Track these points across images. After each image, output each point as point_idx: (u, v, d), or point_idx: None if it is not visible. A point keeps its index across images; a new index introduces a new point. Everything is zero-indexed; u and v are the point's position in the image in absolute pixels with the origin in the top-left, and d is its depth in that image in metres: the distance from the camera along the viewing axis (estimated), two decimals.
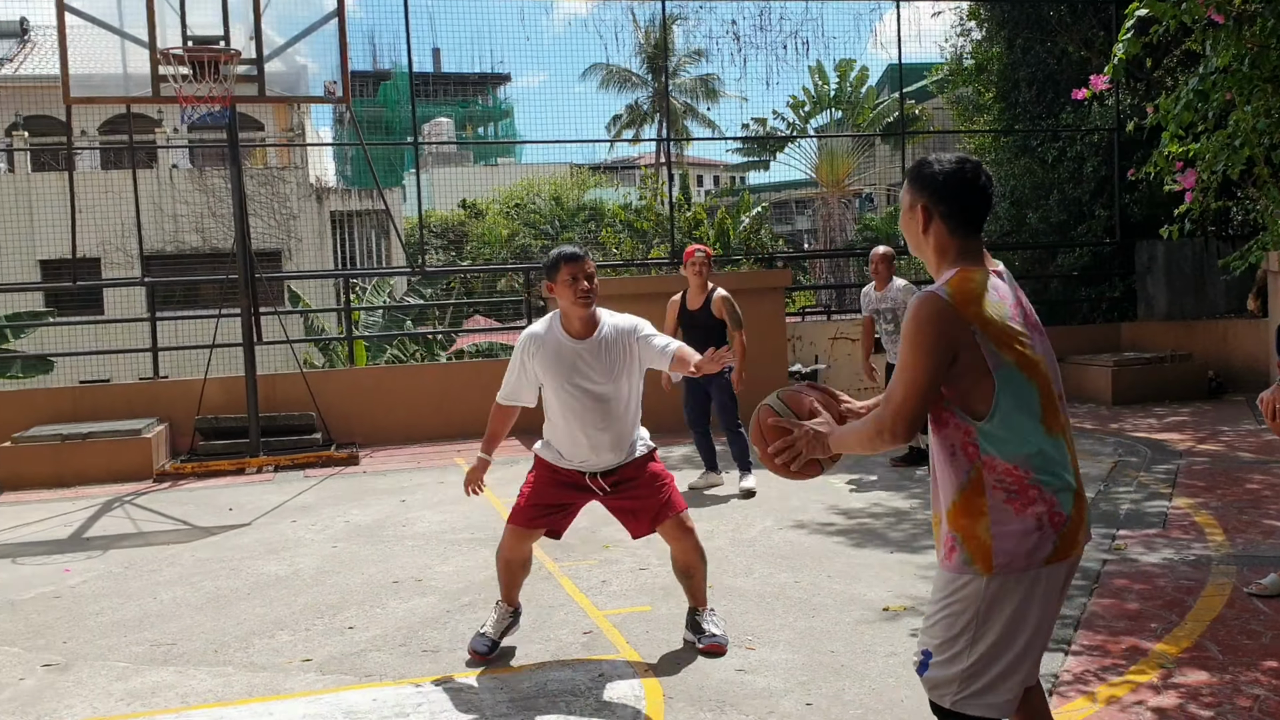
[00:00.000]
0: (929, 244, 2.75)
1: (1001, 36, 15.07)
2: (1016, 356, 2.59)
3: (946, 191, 2.70)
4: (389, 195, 22.38)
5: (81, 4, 9.15)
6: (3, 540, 7.56)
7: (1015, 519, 2.58)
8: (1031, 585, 2.60)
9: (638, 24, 31.89)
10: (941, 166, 2.73)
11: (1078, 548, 2.65)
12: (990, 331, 2.58)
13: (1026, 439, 2.59)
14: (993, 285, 2.64)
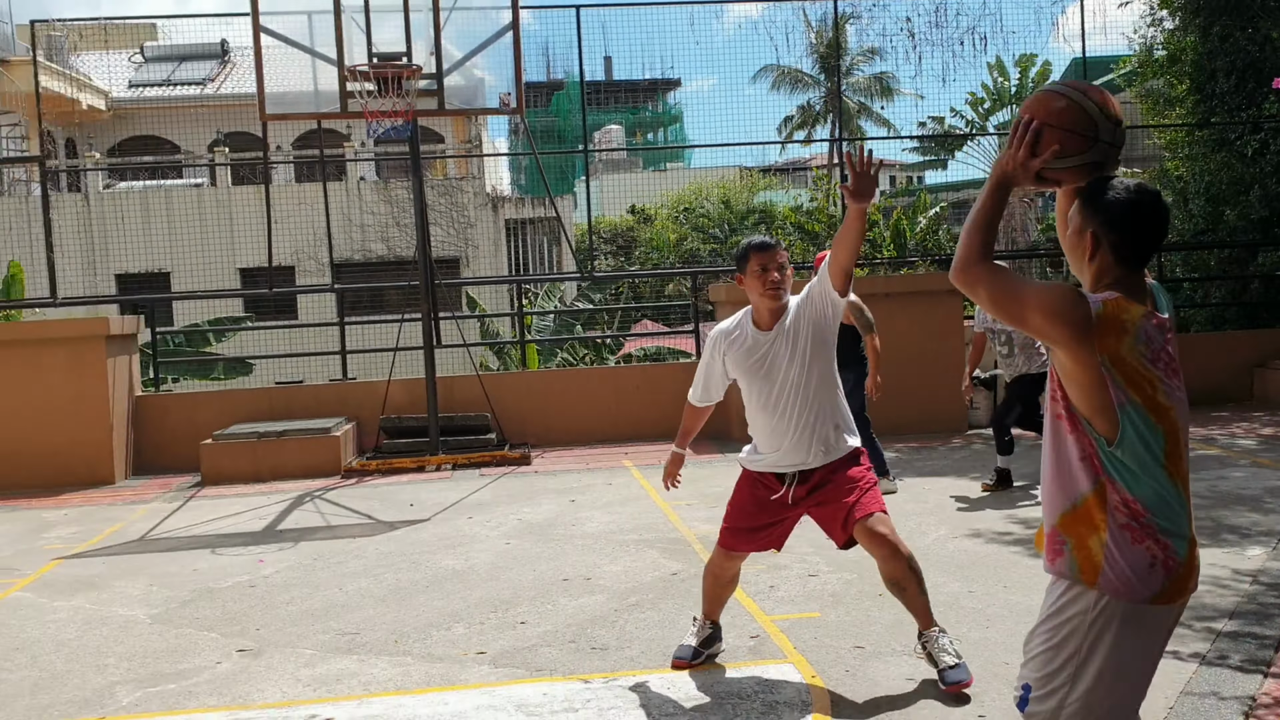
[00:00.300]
0: (1090, 269, 2.65)
1: (1196, 25, 14.27)
2: (1144, 399, 2.53)
3: (1121, 222, 2.60)
4: (561, 202, 22.86)
5: (276, 26, 9.68)
6: (204, 531, 8.06)
7: (1130, 547, 2.52)
8: (1138, 621, 2.52)
9: (809, 24, 31.65)
10: (1118, 195, 2.61)
11: (1186, 595, 2.57)
12: (1120, 369, 2.51)
13: (1151, 479, 2.54)
14: (1143, 329, 2.54)
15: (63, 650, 5.31)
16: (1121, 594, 2.51)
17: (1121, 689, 2.54)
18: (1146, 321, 2.55)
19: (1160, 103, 15.63)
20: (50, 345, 10.45)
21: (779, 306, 4.41)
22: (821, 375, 4.40)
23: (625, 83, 41.76)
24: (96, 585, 6.55)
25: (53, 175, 22.37)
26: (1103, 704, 2.53)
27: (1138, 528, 2.53)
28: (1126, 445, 2.53)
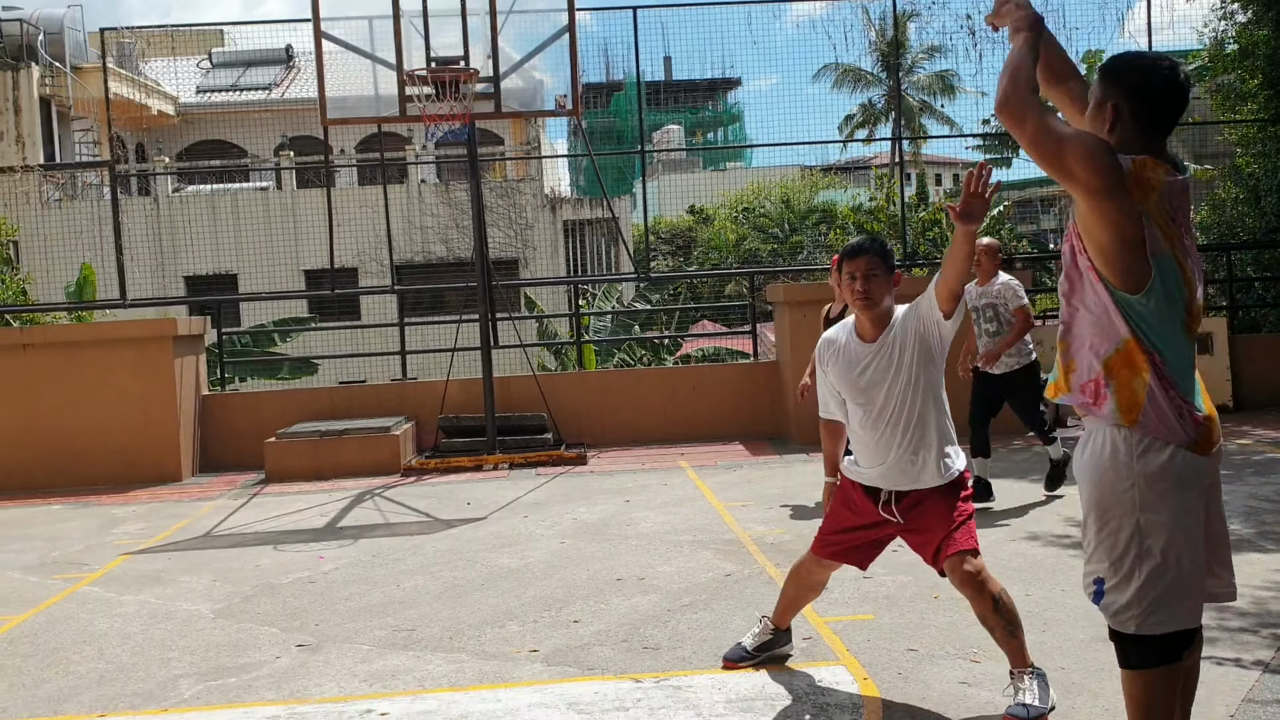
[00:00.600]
0: (1113, 140, 2.66)
1: (1269, 18, 13.93)
2: (1175, 252, 2.58)
3: (1142, 91, 2.63)
4: (620, 203, 22.92)
5: (337, 31, 9.84)
6: (267, 528, 8.21)
7: (1166, 393, 2.58)
8: (1180, 469, 2.57)
9: (870, 21, 31.40)
10: (1137, 65, 2.66)
11: (1216, 445, 2.62)
12: (1157, 220, 2.56)
13: (1173, 332, 2.60)
14: (1168, 187, 2.59)
15: (128, 643, 5.45)
16: (1160, 433, 2.57)
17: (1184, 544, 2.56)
18: (1171, 180, 2.61)
19: (1232, 98, 15.26)
20: (120, 345, 10.71)
21: (876, 315, 4.16)
22: (926, 394, 4.17)
23: (685, 82, 41.68)
24: (162, 580, 6.71)
25: (123, 179, 22.91)
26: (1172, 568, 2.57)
27: (1163, 379, 2.60)
28: (1154, 296, 2.57)
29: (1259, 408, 11.90)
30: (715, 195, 30.54)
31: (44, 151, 24.61)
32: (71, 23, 25.37)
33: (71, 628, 5.76)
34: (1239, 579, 5.28)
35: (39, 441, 10.60)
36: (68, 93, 24.90)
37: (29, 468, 10.56)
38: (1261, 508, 7.23)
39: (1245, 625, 4.91)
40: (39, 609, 6.16)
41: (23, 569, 7.20)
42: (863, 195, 25.97)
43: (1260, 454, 9.29)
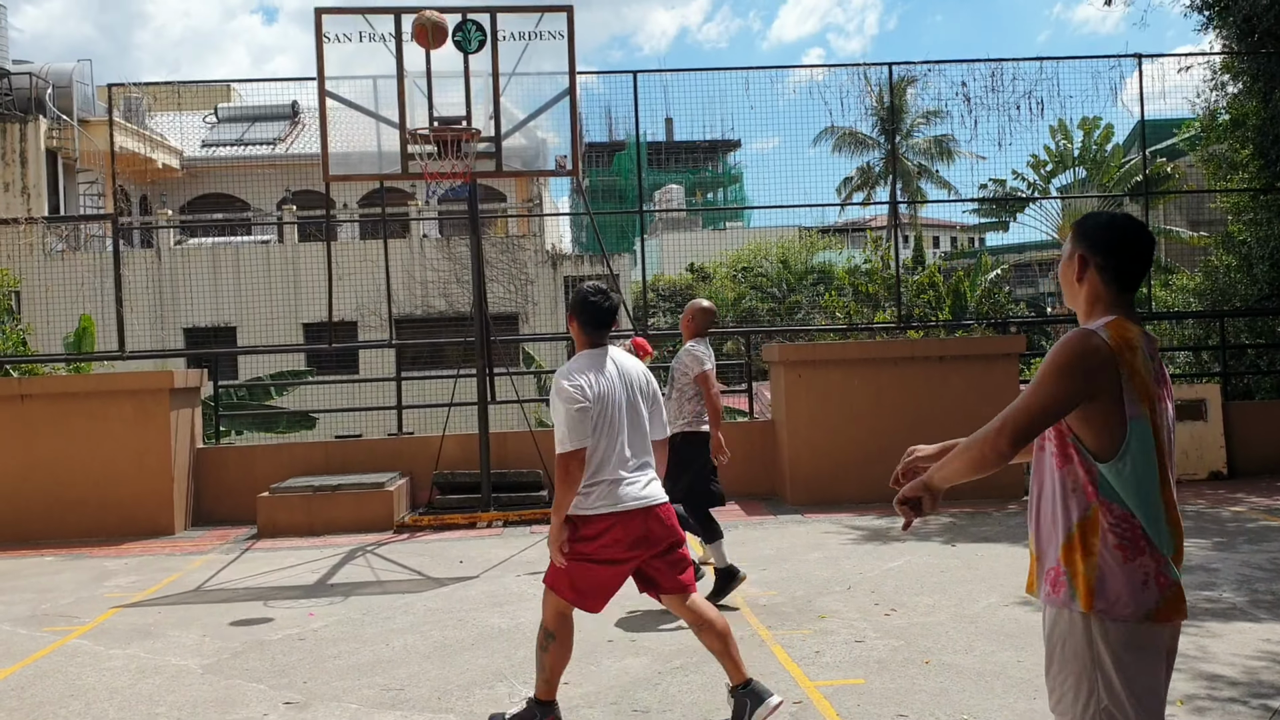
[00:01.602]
0: (1082, 292, 2.80)
1: (1259, 89, 14.16)
2: (1150, 414, 2.65)
3: (1104, 244, 2.76)
4: (621, 260, 23.07)
5: (343, 90, 9.98)
6: (258, 584, 8.18)
7: (1123, 566, 2.61)
8: (1139, 639, 2.60)
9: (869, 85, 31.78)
10: (1101, 221, 2.79)
11: (1181, 615, 2.65)
12: (1135, 383, 2.63)
13: (1149, 493, 2.64)
14: (1145, 346, 2.70)
15: (115, 698, 5.41)
16: (1116, 614, 2.60)
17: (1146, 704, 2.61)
18: (1146, 341, 2.70)
19: (1224, 167, 15.47)
20: (117, 397, 10.73)
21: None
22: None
23: (685, 143, 42.17)
24: (152, 634, 6.67)
25: (126, 231, 23.08)
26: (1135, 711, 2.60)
27: (1129, 545, 2.63)
28: (1128, 460, 2.63)
29: (1252, 475, 11.91)
30: (715, 254, 30.76)
31: (49, 203, 24.82)
32: (80, 77, 25.73)
33: (59, 681, 5.73)
34: (1231, 647, 5.28)
35: (34, 492, 10.58)
36: (74, 145, 25.17)
37: (23, 518, 10.53)
38: (1254, 576, 7.22)
39: (1236, 695, 4.90)
40: (27, 662, 6.13)
41: (12, 621, 7.16)
42: (859, 257, 26.17)
43: (1254, 521, 9.28)
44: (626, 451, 4.61)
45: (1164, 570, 2.63)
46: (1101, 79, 13.05)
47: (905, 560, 8.10)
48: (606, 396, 4.59)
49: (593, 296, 4.70)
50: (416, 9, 9.77)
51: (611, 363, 4.70)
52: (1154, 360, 2.71)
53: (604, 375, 4.63)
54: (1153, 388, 2.67)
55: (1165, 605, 2.61)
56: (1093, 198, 30.49)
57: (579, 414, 4.50)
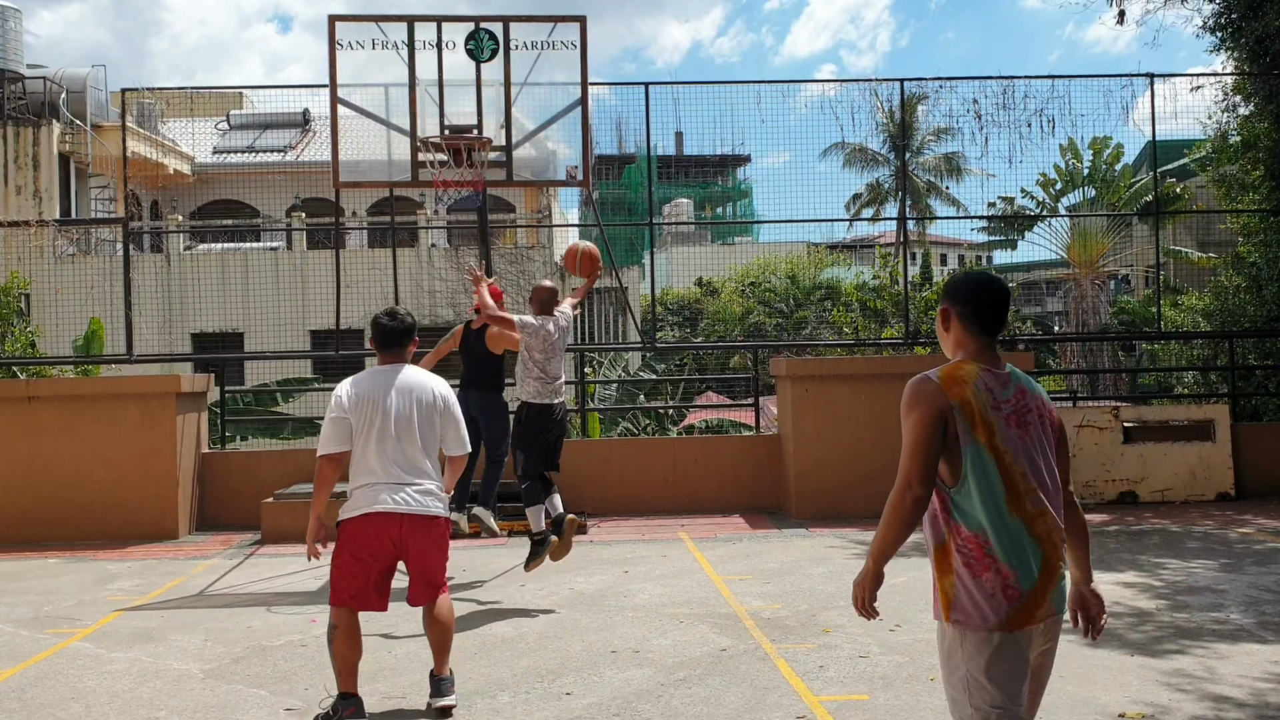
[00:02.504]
0: (950, 339, 3.24)
1: (1270, 111, 14.15)
2: (987, 441, 3.01)
3: (963, 296, 3.20)
4: (630, 273, 23.08)
5: (354, 98, 10.02)
6: (260, 589, 8.16)
7: (972, 580, 2.98)
8: (996, 647, 2.97)
9: (880, 102, 31.80)
10: (960, 277, 3.26)
11: (1035, 621, 3.00)
12: (967, 412, 3.02)
13: (987, 514, 2.99)
14: (983, 380, 3.09)
15: (116, 701, 5.40)
16: (970, 626, 2.98)
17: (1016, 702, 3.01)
18: (985, 375, 3.10)
19: (1234, 188, 15.45)
20: (124, 400, 10.74)
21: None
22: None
23: (695, 157, 42.26)
24: (154, 638, 6.66)
25: (136, 236, 23.15)
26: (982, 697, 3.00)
27: (975, 563, 3.00)
28: (966, 486, 3.03)
29: (1260, 496, 11.85)
30: (723, 268, 30.79)
31: (60, 206, 24.90)
32: (94, 82, 25.84)
33: (60, 684, 5.72)
34: (1238, 669, 5.25)
35: (39, 494, 10.58)
36: (86, 150, 25.27)
37: (28, 520, 10.53)
38: (1261, 598, 7.18)
39: (1243, 717, 4.86)
40: (28, 664, 6.12)
41: (14, 623, 7.16)
42: (867, 273, 26.16)
43: (1261, 543, 9.23)
44: (389, 461, 5.01)
45: (1013, 584, 2.96)
46: (1113, 98, 13.04)
47: (910, 576, 8.06)
48: (370, 409, 4.99)
49: (380, 319, 5.17)
50: (429, 17, 9.81)
51: (397, 379, 5.07)
52: (999, 390, 3.09)
53: (376, 389, 5.01)
54: (990, 415, 3.03)
55: (1016, 615, 2.96)
56: (1102, 216, 30.51)
57: (331, 423, 5.05)
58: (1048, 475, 3.10)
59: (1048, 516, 3.06)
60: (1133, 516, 10.85)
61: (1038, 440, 3.11)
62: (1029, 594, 2.97)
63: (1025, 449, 3.06)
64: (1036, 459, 3.08)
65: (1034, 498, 3.04)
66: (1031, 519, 3.02)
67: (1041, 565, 3.01)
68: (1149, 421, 12.18)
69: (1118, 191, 30.02)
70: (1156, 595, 7.31)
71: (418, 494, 5.03)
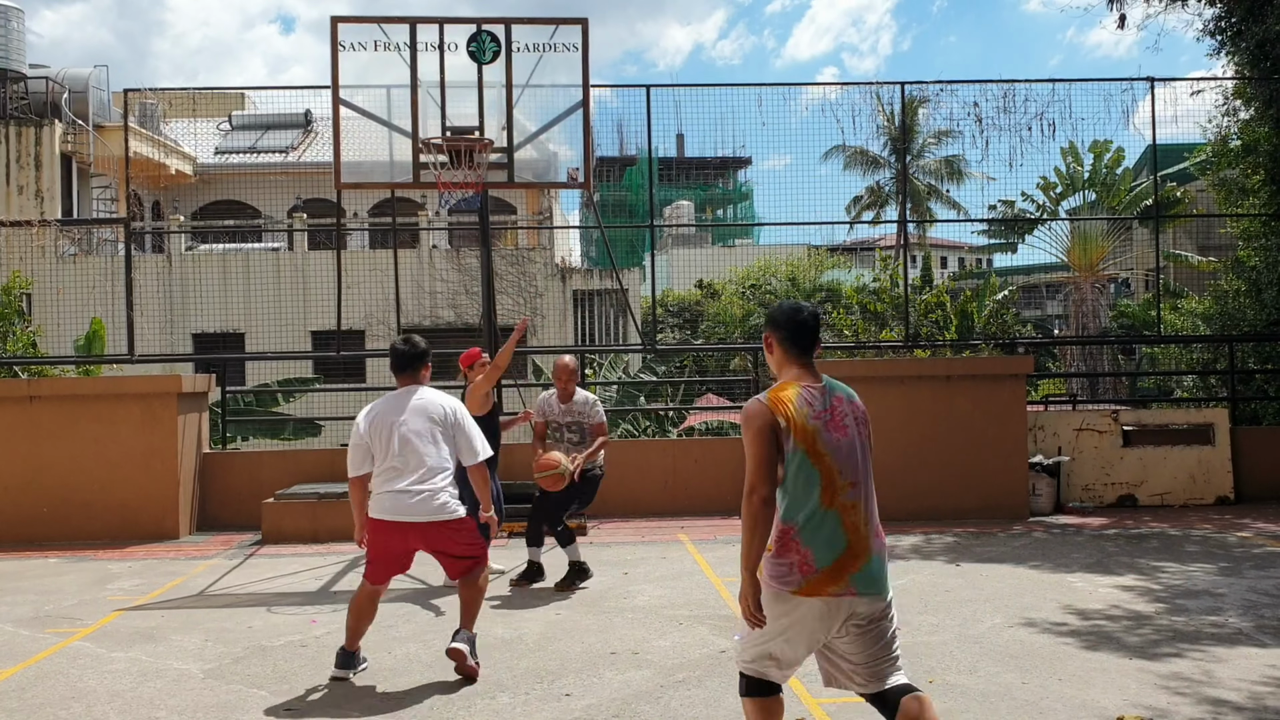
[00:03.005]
0: (774, 361, 3.90)
1: (1270, 115, 14.17)
2: (807, 446, 3.68)
3: (779, 323, 3.87)
4: (630, 275, 23.08)
5: (357, 99, 10.03)
6: (261, 590, 8.18)
7: (777, 559, 3.70)
8: (788, 606, 3.67)
9: (881, 105, 31.80)
10: (779, 306, 3.92)
11: (825, 593, 3.65)
12: (790, 425, 3.68)
13: (802, 508, 3.69)
14: (802, 396, 3.75)
15: (116, 701, 5.41)
16: (771, 589, 3.69)
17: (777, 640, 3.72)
18: (804, 390, 3.76)
19: (1235, 192, 15.46)
20: (125, 400, 10.76)
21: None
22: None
23: (696, 159, 42.31)
24: (154, 638, 6.68)
25: (138, 236, 23.17)
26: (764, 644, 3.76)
27: (780, 546, 3.70)
28: (789, 481, 3.70)
29: (1260, 500, 11.86)
30: (723, 271, 30.75)
31: (62, 206, 24.92)
32: (96, 82, 25.86)
33: (60, 683, 5.73)
34: (1236, 673, 5.26)
35: (40, 493, 10.60)
36: (89, 150, 25.29)
37: (29, 519, 10.55)
38: (1260, 601, 7.19)
39: None
40: (29, 663, 6.13)
41: (14, 622, 7.17)
42: (867, 276, 26.16)
43: (1260, 547, 9.24)
44: (401, 473, 5.61)
45: (809, 561, 3.65)
46: (1113, 102, 13.06)
47: (909, 579, 8.08)
48: (386, 430, 5.64)
49: (396, 345, 5.86)
50: (432, 19, 9.83)
51: (410, 400, 5.73)
52: (817, 402, 3.74)
53: (389, 411, 5.69)
54: (809, 425, 3.69)
55: (807, 585, 3.65)
56: (1102, 220, 30.52)
57: (353, 448, 5.73)
58: (863, 472, 3.76)
59: (859, 509, 3.73)
60: (1132, 520, 10.87)
61: (856, 441, 3.76)
62: (823, 571, 3.65)
63: (843, 450, 3.72)
64: (855, 458, 3.74)
65: (849, 493, 3.71)
66: (844, 509, 3.70)
67: (844, 550, 3.67)
68: (1148, 425, 12.20)
69: (1118, 195, 30.01)
70: (1155, 599, 7.33)
71: (424, 501, 5.60)
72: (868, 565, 3.68)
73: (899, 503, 10.91)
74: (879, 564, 3.72)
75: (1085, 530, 10.32)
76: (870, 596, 3.68)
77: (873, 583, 3.68)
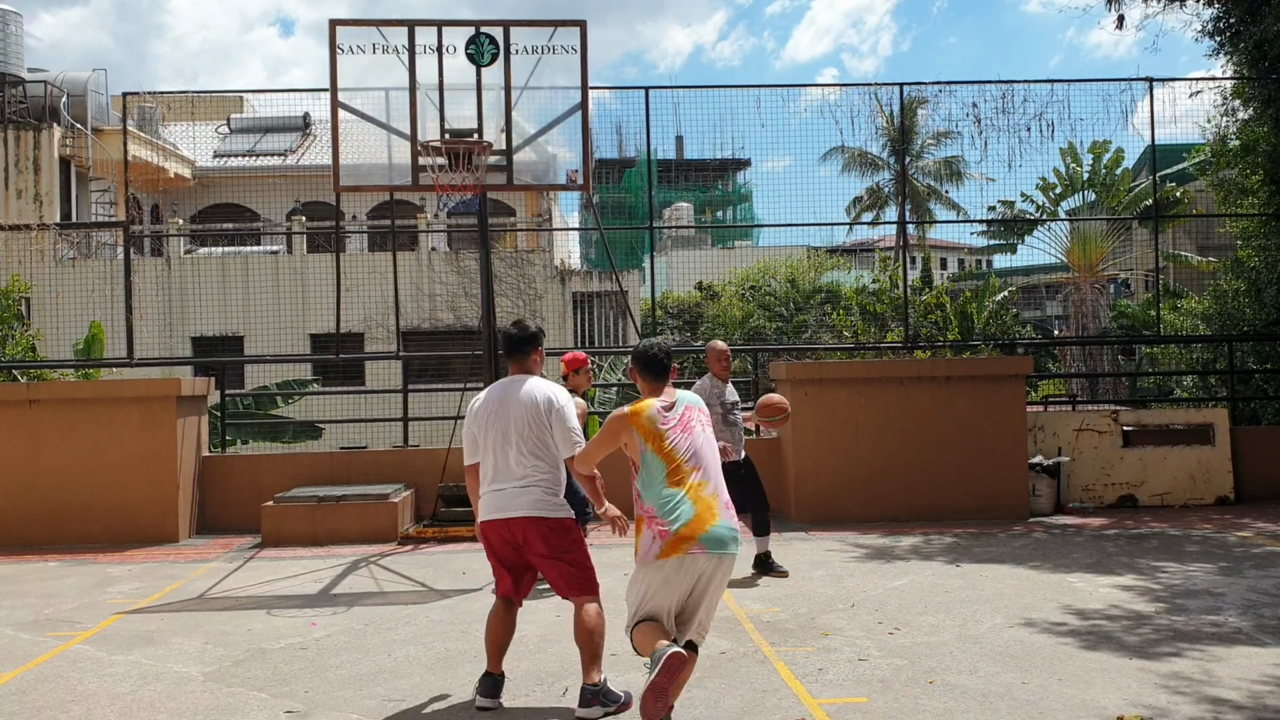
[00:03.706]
0: (640, 384, 5.10)
1: (1269, 115, 14.18)
2: (655, 445, 4.81)
3: (638, 360, 5.11)
4: (630, 277, 23.10)
5: (355, 102, 10.02)
6: (261, 592, 8.17)
7: (644, 533, 4.73)
8: (655, 570, 4.67)
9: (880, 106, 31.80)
10: (639, 347, 5.14)
11: (679, 551, 4.61)
12: (641, 430, 4.85)
13: (655, 491, 4.75)
14: (653, 408, 4.90)
15: (116, 704, 5.41)
16: (643, 562, 4.70)
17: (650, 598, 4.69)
18: (653, 406, 4.91)
19: (1234, 192, 15.46)
20: (124, 404, 10.75)
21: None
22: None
23: (695, 161, 42.29)
24: (154, 641, 6.67)
25: (137, 240, 23.18)
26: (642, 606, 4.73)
27: (648, 521, 4.72)
28: (642, 472, 4.81)
29: (1259, 499, 11.86)
30: (723, 272, 30.74)
31: (61, 210, 24.92)
32: (95, 86, 25.87)
33: (60, 686, 5.73)
34: (1236, 672, 5.26)
35: (39, 497, 10.59)
36: (87, 154, 25.30)
37: (28, 523, 10.54)
38: (1260, 601, 7.19)
39: (1240, 719, 4.87)
40: (28, 666, 6.13)
41: (14, 626, 7.17)
42: (867, 277, 26.16)
43: (1259, 547, 9.24)
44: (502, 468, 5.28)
45: (665, 528, 4.64)
46: (1112, 102, 13.06)
47: (909, 579, 8.08)
48: (487, 421, 5.31)
49: (509, 329, 5.51)
50: (430, 21, 9.83)
51: (518, 389, 5.34)
52: (667, 411, 4.89)
53: (492, 401, 5.35)
54: (658, 429, 4.82)
55: (666, 548, 4.62)
56: (1102, 220, 30.51)
57: (465, 437, 5.48)
58: (708, 459, 4.85)
59: (706, 486, 4.78)
60: (1132, 520, 10.86)
61: (700, 438, 4.89)
62: (676, 533, 4.62)
63: (689, 445, 4.83)
64: (701, 450, 4.86)
65: (694, 475, 4.77)
66: (691, 488, 4.74)
67: (693, 517, 4.65)
68: (1148, 425, 12.20)
69: (1117, 196, 30.02)
70: (1155, 598, 7.33)
71: (526, 497, 5.23)
72: (715, 528, 4.67)
73: (899, 503, 10.92)
74: (727, 529, 4.70)
75: (1085, 530, 10.32)
76: (717, 554, 4.65)
77: (719, 543, 4.66)
